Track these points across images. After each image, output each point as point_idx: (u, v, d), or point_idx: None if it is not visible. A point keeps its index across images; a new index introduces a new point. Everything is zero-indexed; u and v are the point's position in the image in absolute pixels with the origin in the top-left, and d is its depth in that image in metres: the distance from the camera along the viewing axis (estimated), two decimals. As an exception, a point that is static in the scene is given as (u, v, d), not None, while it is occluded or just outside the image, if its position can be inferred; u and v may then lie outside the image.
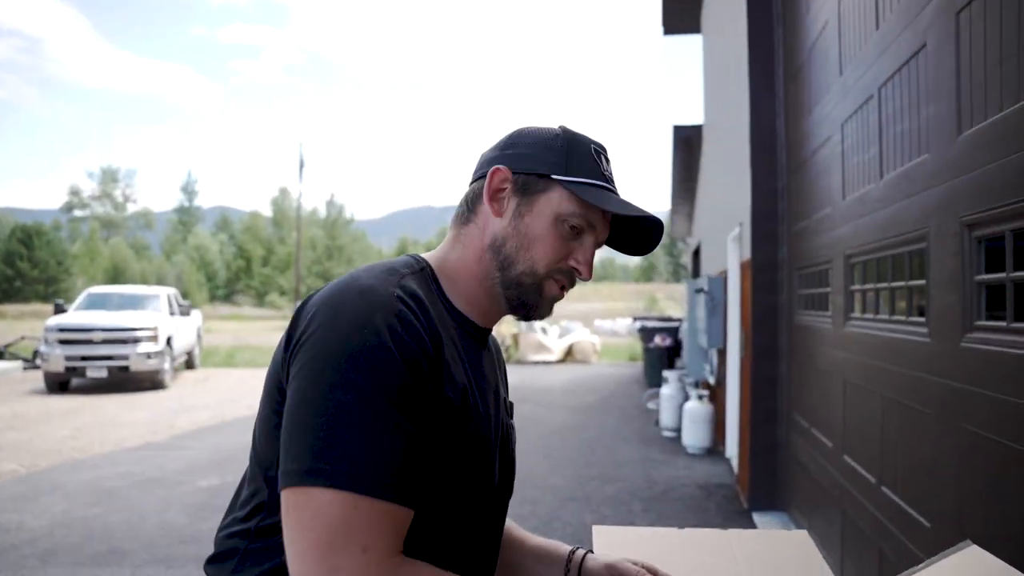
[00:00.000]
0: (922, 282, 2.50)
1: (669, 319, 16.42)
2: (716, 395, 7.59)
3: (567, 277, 1.04)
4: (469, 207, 1.07)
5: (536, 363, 18.80)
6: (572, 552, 1.21)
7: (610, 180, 1.05)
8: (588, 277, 1.04)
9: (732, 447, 6.48)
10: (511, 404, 1.19)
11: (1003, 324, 1.95)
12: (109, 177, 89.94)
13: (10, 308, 47.75)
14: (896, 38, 2.74)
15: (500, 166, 1.03)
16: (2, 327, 25.76)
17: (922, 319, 2.50)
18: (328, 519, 0.77)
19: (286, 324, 0.95)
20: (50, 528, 4.93)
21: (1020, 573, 0.99)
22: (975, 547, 1.09)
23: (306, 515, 0.77)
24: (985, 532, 1.99)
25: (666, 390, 8.51)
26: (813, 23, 4.17)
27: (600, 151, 1.06)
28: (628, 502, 5.62)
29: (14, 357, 15.95)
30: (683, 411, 7.62)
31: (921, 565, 1.12)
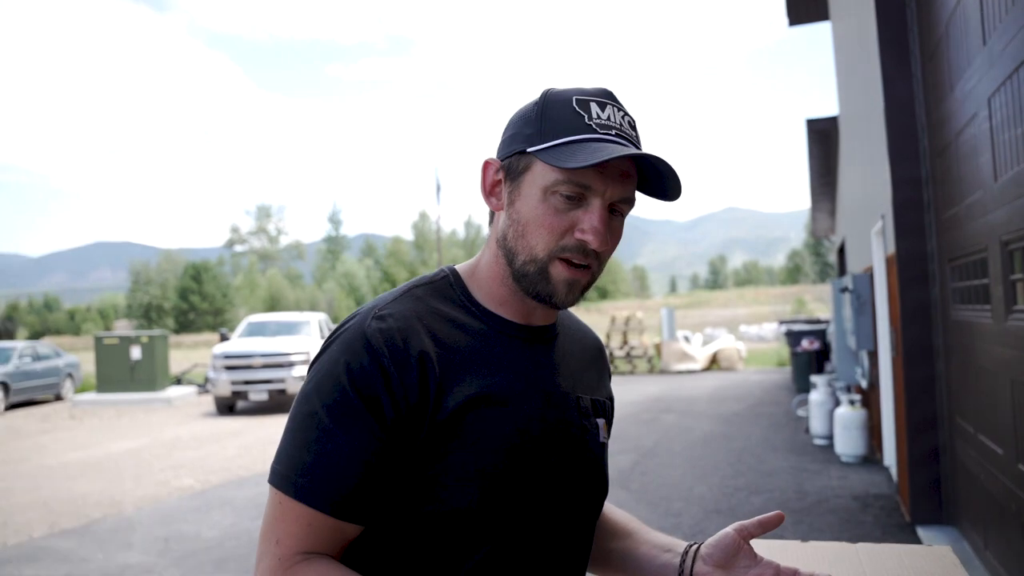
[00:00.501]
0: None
1: (817, 321, 15.55)
2: (869, 399, 7.11)
3: (577, 252, 0.92)
4: (490, 214, 1.04)
5: (679, 372, 18.36)
6: (691, 545, 1.09)
7: (605, 127, 0.91)
8: (598, 246, 0.91)
9: (890, 455, 6.03)
10: (601, 402, 1.09)
11: None
12: (263, 213, 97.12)
13: (185, 339, 52.44)
14: (1043, 0, 2.48)
15: (490, 159, 0.99)
16: (179, 356, 28.30)
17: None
18: (268, 512, 0.89)
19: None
20: (221, 539, 5.35)
21: None
22: None
23: (265, 506, 0.91)
24: None
25: (815, 396, 8.06)
26: (950, -6, 3.85)
27: (586, 100, 0.92)
28: (776, 515, 5.36)
29: (189, 383, 17.50)
30: (834, 417, 7.18)
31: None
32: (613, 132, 0.91)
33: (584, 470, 1.01)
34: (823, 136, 11.27)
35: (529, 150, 0.92)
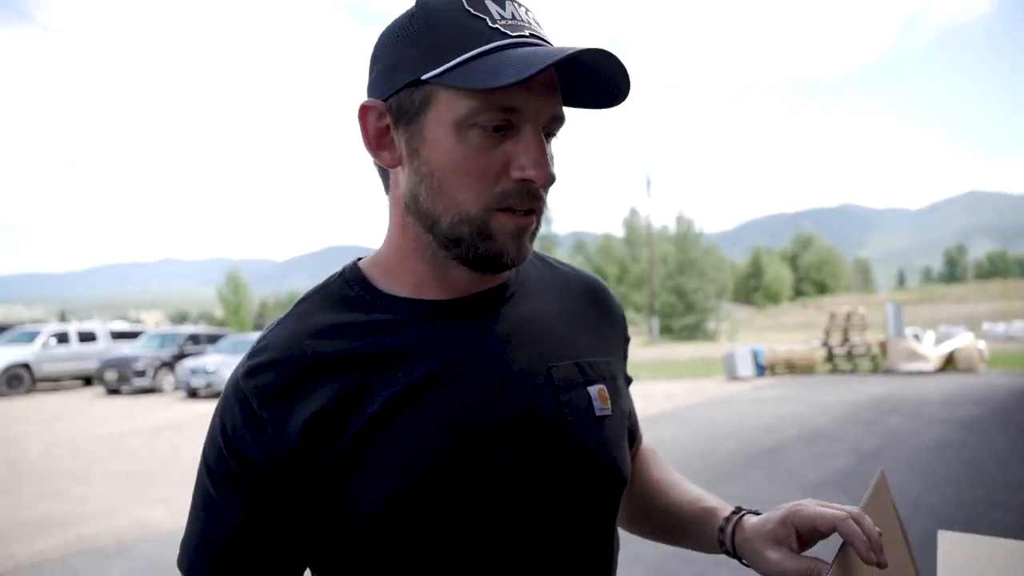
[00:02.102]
0: None
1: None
2: None
3: (520, 196, 0.74)
4: (380, 172, 0.83)
5: (908, 373, 16.78)
6: (741, 507, 0.91)
7: (515, 28, 0.72)
8: (545, 180, 0.73)
9: None
10: (592, 365, 0.86)
11: None
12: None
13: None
14: None
15: (367, 101, 0.77)
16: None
17: None
18: None
19: (641, 338, 0.84)
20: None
21: None
22: None
23: None
24: None
25: (1077, 401, 7.01)
26: None
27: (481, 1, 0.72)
28: (1022, 533, 4.75)
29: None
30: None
31: None
32: (526, 33, 0.73)
33: (563, 461, 0.79)
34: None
35: (424, 77, 0.72)
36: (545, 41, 0.74)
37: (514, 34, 0.72)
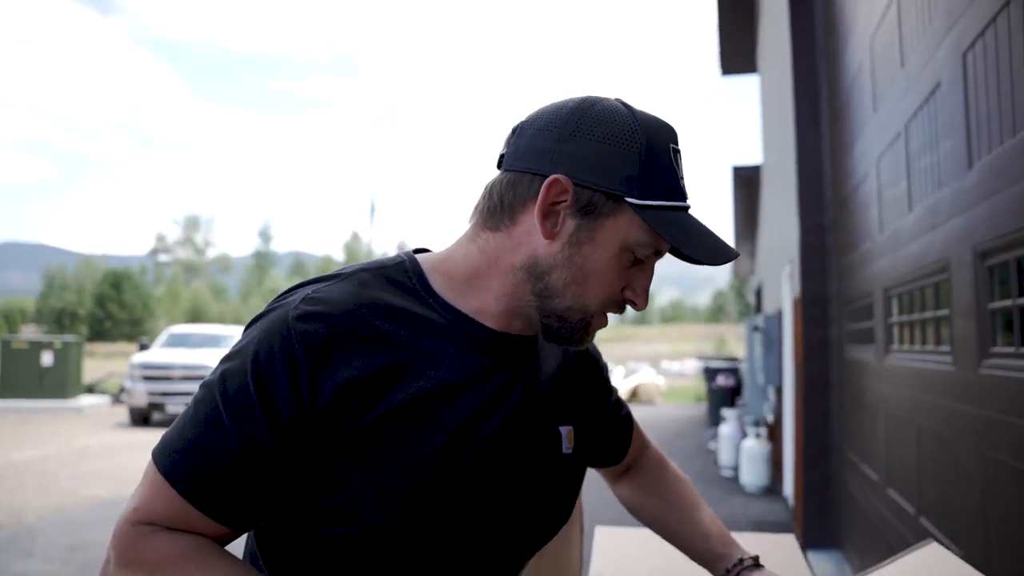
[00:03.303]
0: (946, 312, 2.55)
1: (733, 359, 16.18)
2: (775, 433, 7.50)
3: (618, 308, 0.88)
4: (504, 209, 0.86)
5: (599, 403, 18.71)
6: (744, 558, 1.08)
7: (684, 191, 0.85)
8: (644, 307, 0.88)
9: (789, 485, 6.39)
10: (569, 407, 0.99)
11: (1012, 350, 2.00)
12: (191, 224, 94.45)
13: (100, 347, 50.34)
14: (917, 77, 2.83)
15: (560, 176, 0.81)
16: (93, 365, 27.19)
17: (948, 348, 2.55)
18: (144, 474, 0.83)
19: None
20: (128, 550, 5.25)
21: (974, 570, 1.08)
22: (935, 544, 1.19)
23: None
24: (1010, 558, 2.01)
25: (725, 429, 8.43)
26: (850, 62, 4.26)
27: (677, 151, 0.85)
28: (681, 539, 5.60)
29: (103, 392, 16.88)
30: (741, 449, 7.55)
31: (886, 561, 1.22)
32: (686, 192, 0.86)
33: (535, 491, 0.92)
34: (748, 183, 11.87)
35: (630, 200, 0.81)
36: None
37: (687, 201, 0.85)
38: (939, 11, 2.55)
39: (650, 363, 36.56)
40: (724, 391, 12.06)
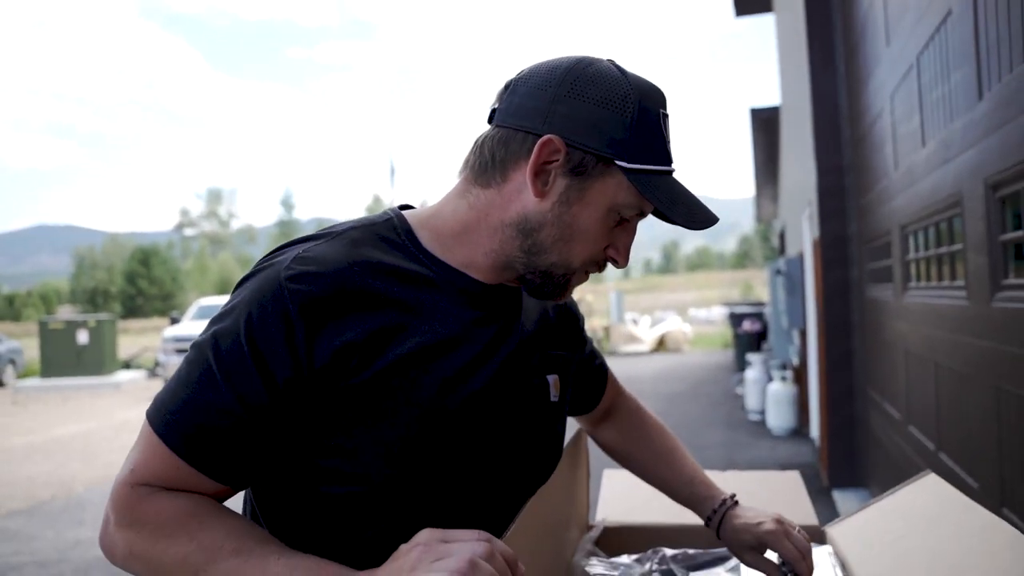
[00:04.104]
0: (960, 246, 2.52)
1: (758, 303, 16.09)
2: (800, 376, 7.50)
3: (599, 266, 0.91)
4: (496, 165, 0.87)
5: (627, 354, 18.80)
6: (726, 499, 1.18)
7: (671, 155, 0.87)
8: (625, 266, 0.90)
9: (815, 427, 6.41)
10: (554, 357, 1.02)
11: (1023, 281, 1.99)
12: (214, 197, 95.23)
13: (133, 324, 51.34)
14: (928, 5, 2.75)
15: (553, 136, 0.82)
16: (127, 341, 27.80)
17: (962, 283, 2.53)
18: (137, 436, 0.82)
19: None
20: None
21: (968, 499, 1.10)
22: (933, 475, 1.21)
23: None
24: (1021, 488, 2.02)
25: (751, 374, 8.45)
26: (863, -5, 4.14)
27: (666, 115, 0.87)
28: (708, 484, 5.67)
29: (139, 368, 17.29)
30: (767, 393, 7.56)
31: (884, 494, 1.25)
32: (674, 165, 0.88)
33: (528, 437, 0.95)
34: (767, 125, 11.64)
35: (620, 164, 0.83)
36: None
37: (673, 165, 0.87)
38: (946, -63, 2.47)
39: (677, 311, 36.53)
40: (750, 336, 12.03)
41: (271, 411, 0.78)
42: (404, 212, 0.93)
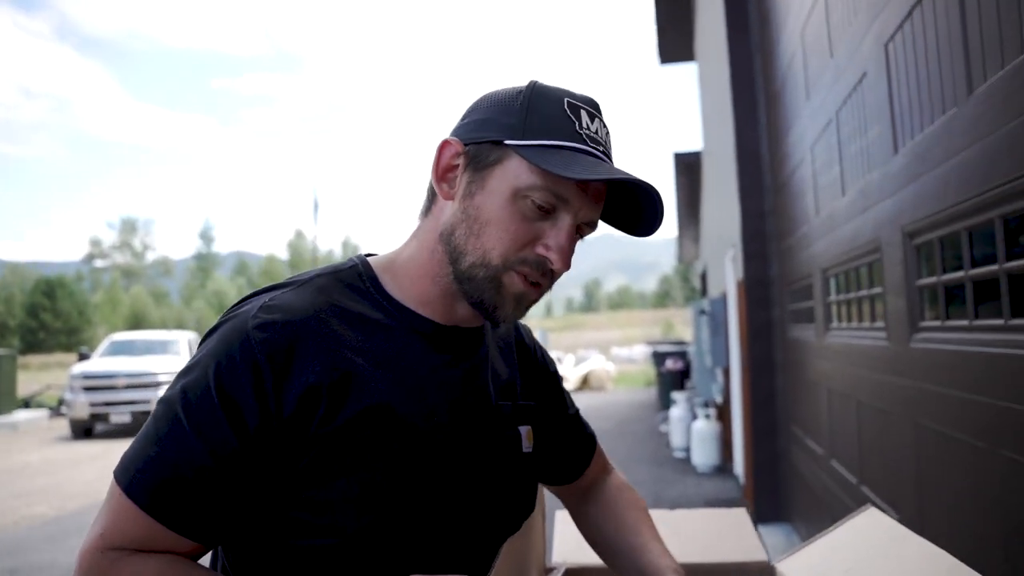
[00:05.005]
0: (879, 290, 2.68)
1: (681, 343, 16.51)
2: (724, 414, 7.71)
3: (535, 268, 0.84)
4: (428, 194, 0.91)
5: (552, 392, 18.87)
6: None
7: (594, 141, 0.83)
8: (562, 267, 0.84)
9: (739, 463, 6.59)
10: (525, 408, 1.01)
11: (938, 323, 2.13)
12: (128, 227, 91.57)
13: (34, 359, 48.49)
14: (845, 67, 2.96)
15: (449, 138, 0.86)
16: (27, 378, 26.19)
17: (882, 324, 2.68)
18: (105, 499, 0.80)
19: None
20: (80, 565, 5.12)
21: (909, 531, 1.16)
22: (873, 509, 1.27)
23: None
24: (941, 520, 2.14)
25: (675, 411, 8.63)
26: (784, 51, 4.40)
27: (577, 105, 0.84)
28: (637, 520, 5.73)
29: (40, 406, 16.30)
30: (691, 431, 7.73)
31: (828, 529, 1.30)
32: (600, 149, 0.84)
33: (500, 488, 0.93)
34: (689, 168, 12.09)
35: (508, 142, 0.82)
36: (611, 160, 0.86)
37: (591, 144, 0.83)
38: (863, 4, 2.67)
39: (600, 350, 37.04)
40: (673, 375, 12.30)
41: (242, 461, 0.77)
42: (369, 259, 0.94)
